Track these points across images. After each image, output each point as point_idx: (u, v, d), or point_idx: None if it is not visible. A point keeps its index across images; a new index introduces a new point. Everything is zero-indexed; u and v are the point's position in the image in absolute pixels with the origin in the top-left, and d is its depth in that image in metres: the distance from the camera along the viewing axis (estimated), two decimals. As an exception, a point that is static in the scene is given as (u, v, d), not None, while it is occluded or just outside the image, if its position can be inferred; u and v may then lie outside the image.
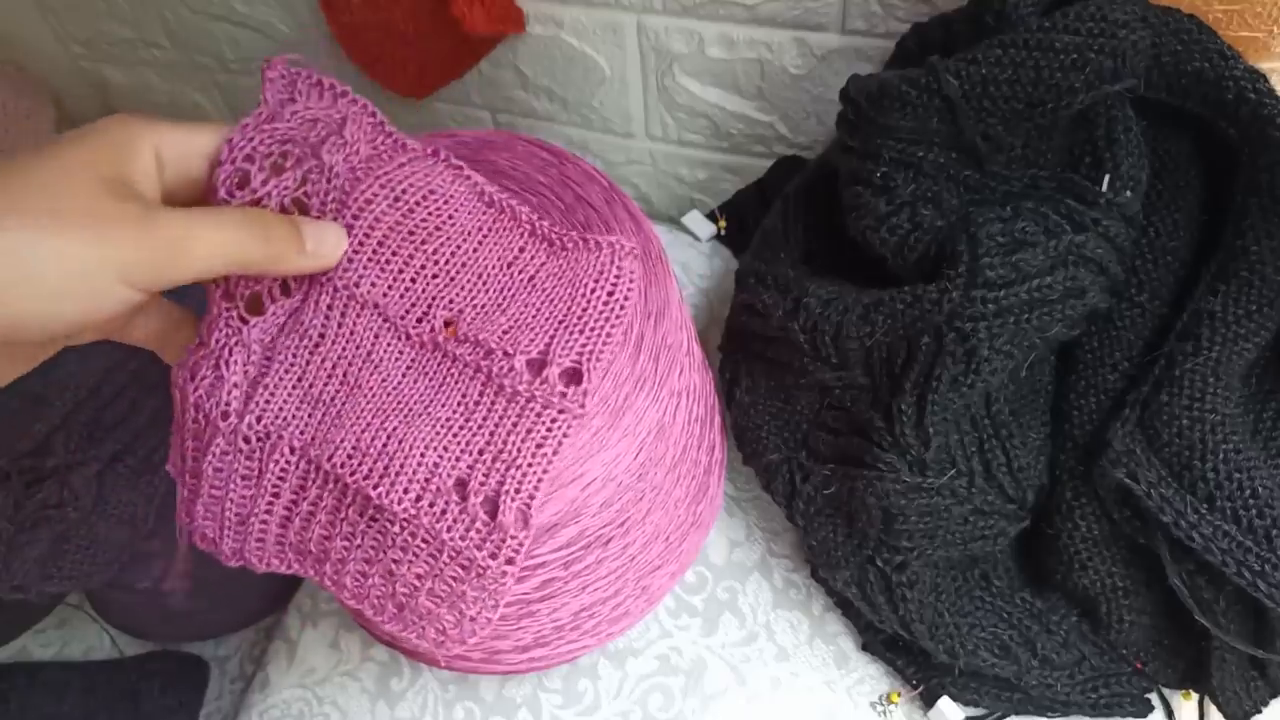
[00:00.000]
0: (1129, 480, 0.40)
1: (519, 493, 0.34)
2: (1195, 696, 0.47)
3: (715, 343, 0.54)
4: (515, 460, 0.34)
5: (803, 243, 0.51)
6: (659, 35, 0.61)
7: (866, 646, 0.50)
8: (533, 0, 0.62)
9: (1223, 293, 0.41)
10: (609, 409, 0.39)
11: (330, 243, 0.34)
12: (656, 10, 0.59)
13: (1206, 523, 0.39)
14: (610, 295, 0.38)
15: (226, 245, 0.30)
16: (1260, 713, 0.45)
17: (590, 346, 0.37)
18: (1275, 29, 0.42)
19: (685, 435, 0.44)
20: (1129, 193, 0.40)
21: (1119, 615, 0.44)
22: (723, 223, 0.65)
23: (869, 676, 0.50)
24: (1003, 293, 0.38)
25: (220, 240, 0.29)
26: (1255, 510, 0.38)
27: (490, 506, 0.34)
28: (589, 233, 0.41)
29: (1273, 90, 0.40)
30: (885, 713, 0.49)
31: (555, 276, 0.39)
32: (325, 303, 0.36)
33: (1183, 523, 0.39)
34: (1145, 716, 0.47)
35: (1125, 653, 0.46)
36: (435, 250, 0.38)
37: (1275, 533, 0.38)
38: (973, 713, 0.48)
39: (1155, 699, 0.48)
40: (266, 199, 0.34)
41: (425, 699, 0.51)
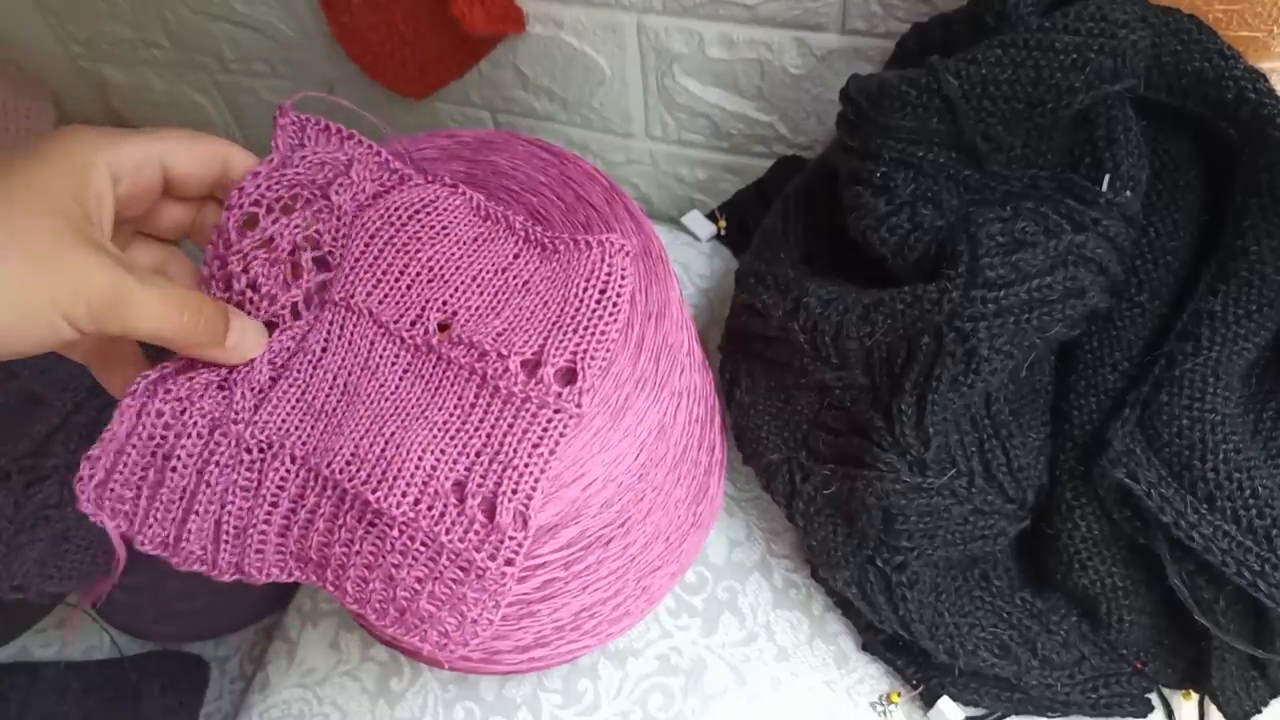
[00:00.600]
0: (1129, 480, 0.40)
1: (516, 493, 0.34)
2: (1195, 696, 0.48)
3: (715, 343, 0.54)
4: (512, 461, 0.35)
5: (803, 243, 0.51)
6: (659, 35, 0.61)
7: (866, 646, 0.50)
8: (533, 0, 0.62)
9: (1223, 293, 0.41)
10: (610, 409, 0.39)
11: (250, 342, 0.35)
12: (656, 10, 0.59)
13: (1206, 523, 0.39)
14: (602, 293, 0.38)
15: (160, 321, 0.31)
16: (1260, 713, 0.45)
17: (584, 345, 0.37)
18: (1275, 29, 0.42)
19: (685, 436, 0.44)
20: (1129, 193, 0.40)
21: (1119, 615, 0.44)
22: (723, 223, 0.65)
23: (869, 676, 0.50)
24: (1003, 293, 0.38)
25: (156, 315, 0.31)
26: (1255, 510, 0.38)
27: (488, 508, 0.34)
28: (587, 233, 0.42)
29: (1273, 90, 0.40)
30: (885, 713, 0.49)
31: (549, 279, 0.39)
32: (328, 319, 0.38)
33: (1183, 523, 0.39)
34: (1145, 716, 0.47)
35: (1125, 653, 0.46)
36: (429, 258, 0.39)
37: (1275, 533, 0.38)
38: (973, 713, 0.48)
39: (1155, 699, 0.48)
40: (277, 237, 0.36)
41: (425, 699, 0.51)
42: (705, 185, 0.72)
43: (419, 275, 0.39)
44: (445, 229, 0.39)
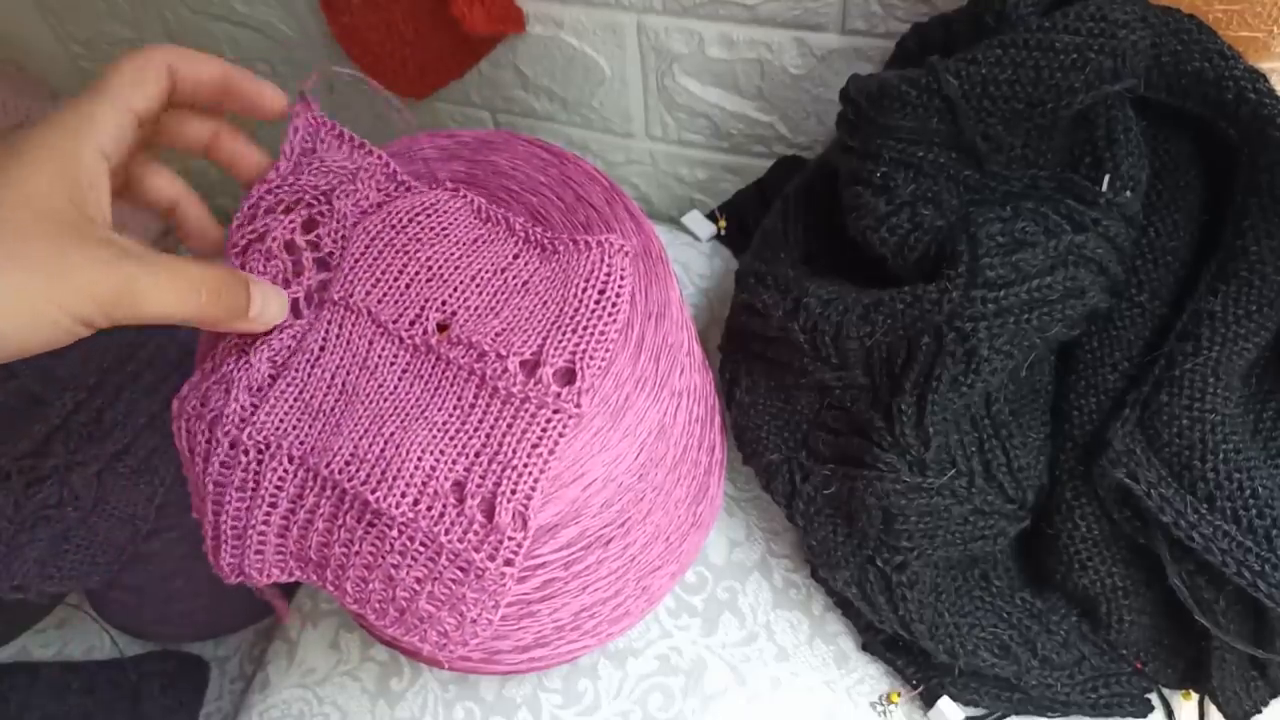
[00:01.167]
0: (1129, 480, 0.40)
1: (515, 494, 0.34)
2: (1195, 696, 0.47)
3: (715, 343, 0.54)
4: (511, 461, 0.35)
5: (803, 243, 0.51)
6: (659, 35, 0.61)
7: (866, 646, 0.50)
8: (533, 0, 0.62)
9: (1223, 293, 0.41)
10: (610, 409, 0.39)
11: (273, 309, 0.35)
12: (656, 10, 0.59)
13: (1206, 523, 0.39)
14: (601, 294, 0.38)
15: (175, 306, 0.30)
16: (1260, 713, 0.45)
17: (583, 345, 0.37)
18: (1275, 29, 0.42)
19: (685, 435, 0.44)
20: (1129, 193, 0.40)
21: (1119, 615, 0.44)
22: (723, 223, 0.65)
23: (869, 676, 0.50)
24: (1003, 293, 0.38)
25: (170, 300, 0.30)
26: (1255, 510, 0.38)
27: (487, 508, 0.34)
28: (587, 233, 0.42)
29: (1273, 90, 0.40)
30: (885, 713, 0.49)
31: (548, 280, 0.39)
32: (326, 318, 0.38)
33: (1183, 523, 0.39)
34: (1145, 716, 0.47)
35: (1125, 653, 0.46)
36: (428, 259, 0.39)
37: (1275, 533, 0.38)
38: (973, 713, 0.48)
39: (1155, 699, 0.48)
40: (274, 234, 0.37)
41: (425, 699, 0.51)
42: (705, 185, 0.72)
43: (418, 275, 0.39)
44: (445, 231, 0.40)
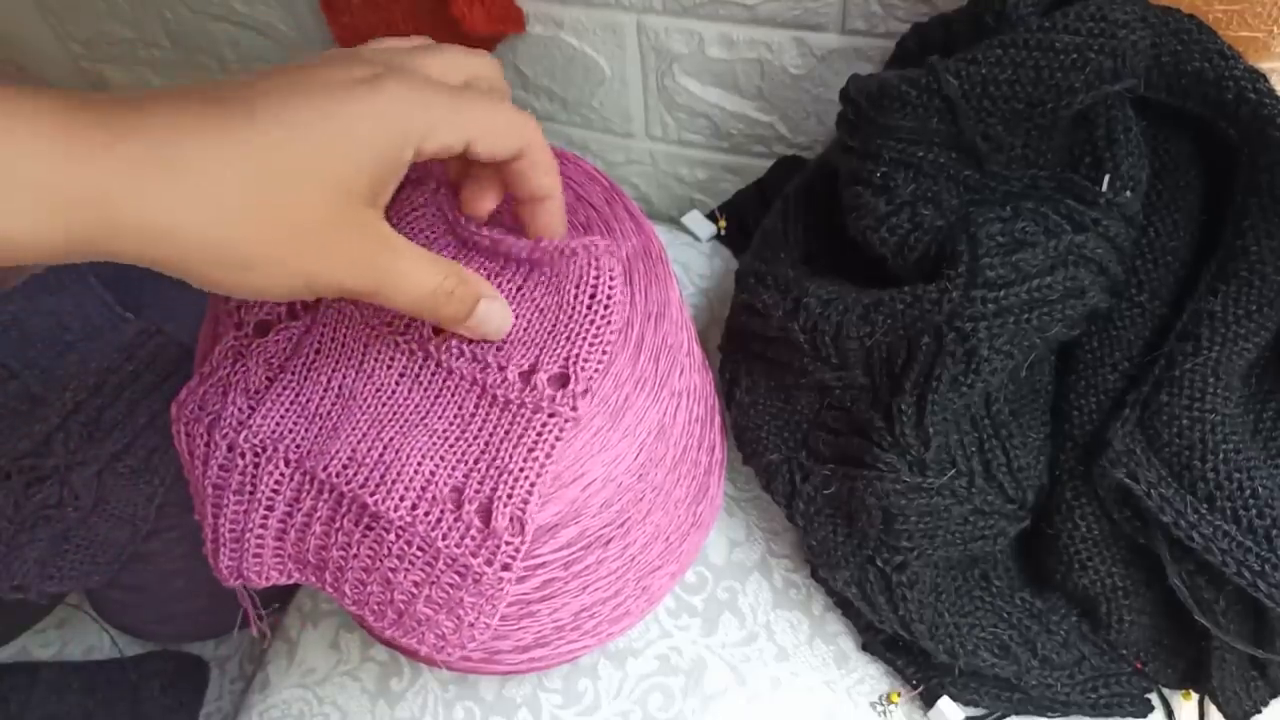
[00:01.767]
0: (1129, 480, 0.40)
1: (511, 498, 0.34)
2: (1195, 696, 0.47)
3: (715, 343, 0.54)
4: (507, 466, 0.35)
5: (803, 243, 0.51)
6: (659, 35, 0.61)
7: (866, 646, 0.50)
8: (533, 0, 0.62)
9: (1223, 293, 0.41)
10: (609, 410, 0.39)
11: (494, 324, 0.35)
12: (656, 10, 0.59)
13: (1206, 523, 0.39)
14: (592, 298, 0.38)
15: (413, 302, 0.31)
16: (1260, 713, 0.45)
17: (576, 350, 0.37)
18: (1275, 29, 0.42)
19: (685, 436, 0.44)
20: (1129, 193, 0.40)
21: (1119, 615, 0.44)
22: (723, 223, 0.65)
23: (869, 676, 0.50)
24: (1003, 293, 0.38)
25: (410, 300, 0.31)
26: (1255, 510, 0.38)
27: (484, 513, 0.34)
28: (586, 233, 0.41)
29: (1273, 90, 0.40)
30: (885, 713, 0.49)
31: (544, 285, 0.39)
32: (323, 321, 0.38)
33: (1183, 523, 0.39)
34: (1145, 716, 0.47)
35: (1125, 653, 0.46)
36: None
37: (1275, 533, 0.38)
38: (973, 713, 0.48)
39: (1155, 699, 0.48)
40: None
41: (425, 699, 0.51)
42: (705, 185, 0.72)
43: None
44: (432, 241, 0.39)
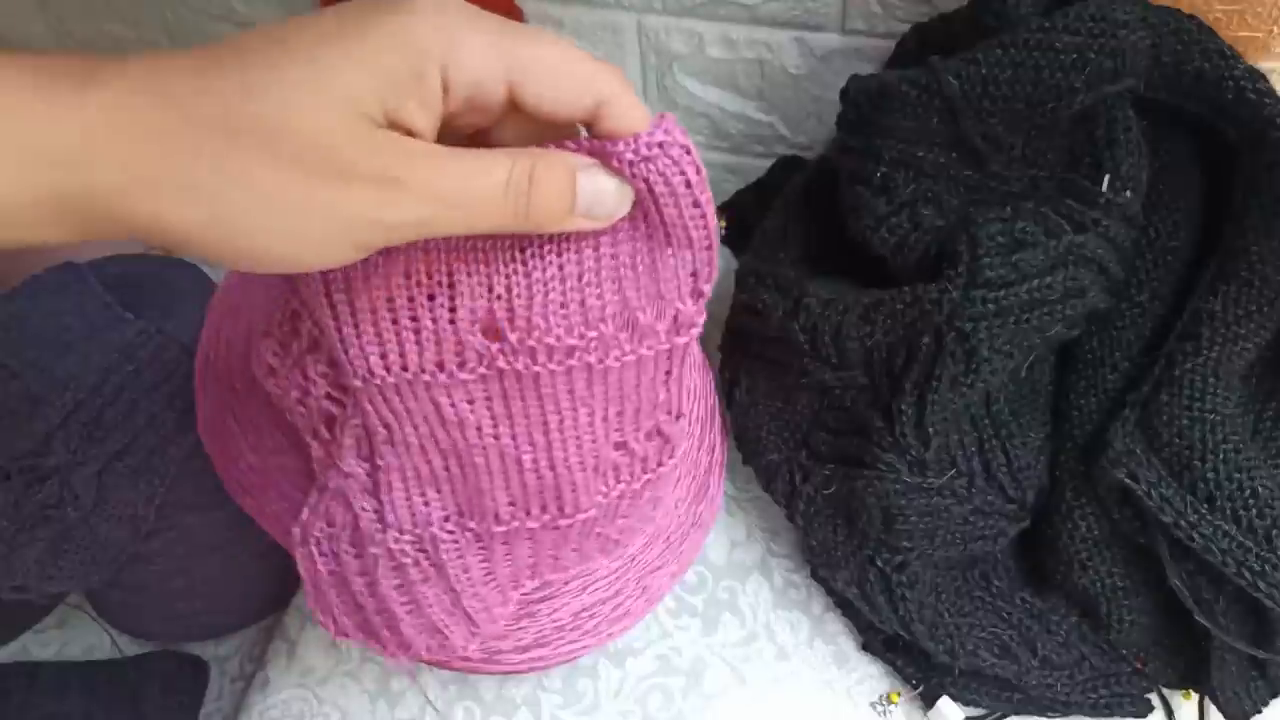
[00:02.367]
0: (1129, 480, 0.40)
1: (669, 414, 0.35)
2: (1195, 696, 0.47)
3: (715, 343, 0.54)
4: (654, 400, 0.34)
5: (803, 243, 0.51)
6: (659, 35, 0.61)
7: (866, 646, 0.50)
8: (533, 0, 0.62)
9: (1223, 293, 0.41)
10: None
11: (610, 201, 0.27)
12: (656, 10, 0.59)
13: (1206, 523, 0.39)
14: (696, 205, 0.30)
15: (479, 220, 0.25)
16: (1260, 713, 0.45)
17: (695, 266, 0.31)
18: (1275, 29, 0.42)
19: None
20: (1129, 193, 0.40)
21: (1119, 615, 0.44)
22: (723, 223, 0.65)
23: (869, 676, 0.50)
24: (1003, 293, 0.38)
25: (471, 214, 0.25)
26: (1255, 510, 0.38)
27: (652, 435, 0.35)
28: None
29: (1273, 90, 0.40)
30: (885, 713, 0.49)
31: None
32: (366, 400, 0.32)
33: (1183, 523, 0.39)
34: (1145, 716, 0.47)
35: (1125, 653, 0.46)
36: (417, 281, 0.31)
37: (1275, 533, 0.38)
38: (973, 713, 0.48)
39: (1155, 699, 0.48)
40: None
41: (425, 699, 0.51)
42: (705, 185, 0.72)
43: (414, 300, 0.30)
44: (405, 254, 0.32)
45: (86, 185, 0.22)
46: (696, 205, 0.28)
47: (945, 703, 0.47)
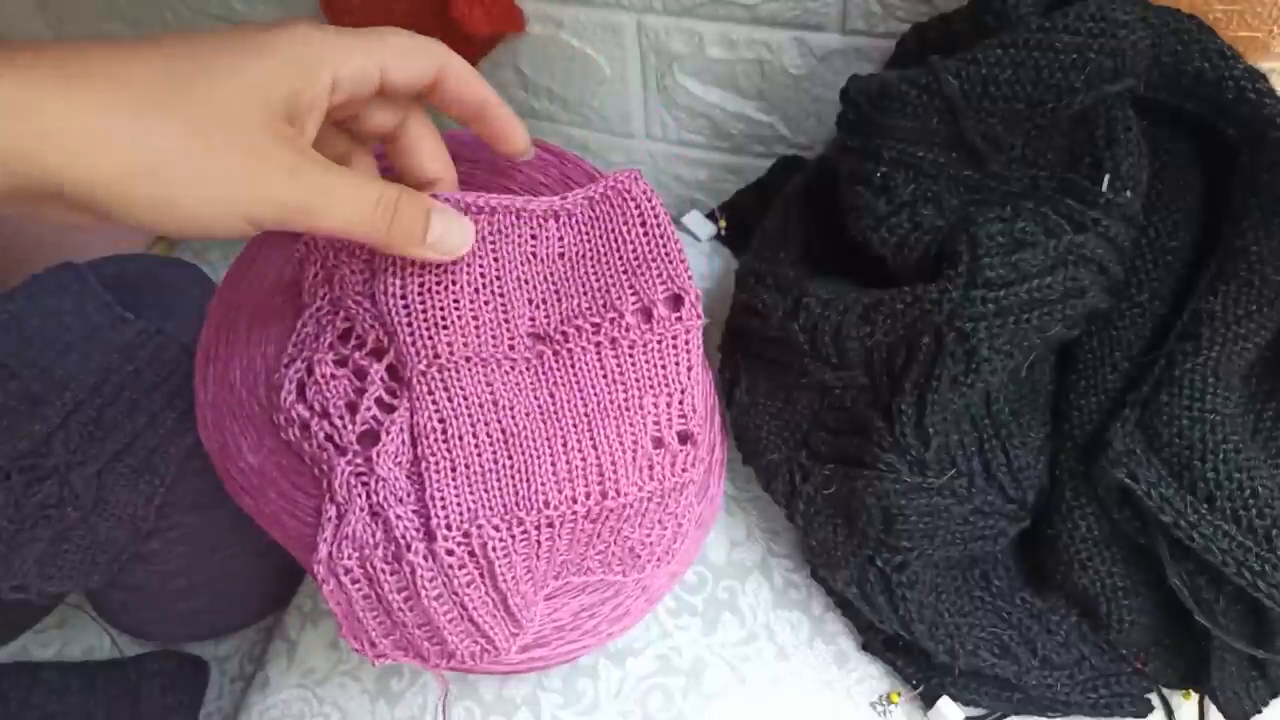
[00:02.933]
0: (1129, 480, 0.40)
1: (696, 410, 0.38)
2: (1195, 696, 0.48)
3: (715, 343, 0.54)
4: (679, 386, 0.37)
5: (803, 243, 0.51)
6: (659, 35, 0.61)
7: (866, 646, 0.50)
8: (533, 0, 0.62)
9: (1223, 293, 0.41)
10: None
11: (455, 238, 0.34)
12: (656, 10, 0.59)
13: (1206, 523, 0.39)
14: (644, 224, 0.38)
15: (353, 220, 0.30)
16: (1260, 713, 0.45)
17: (668, 272, 0.38)
18: (1275, 29, 0.42)
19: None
20: (1129, 193, 0.40)
21: (1119, 615, 0.44)
22: (723, 223, 0.65)
23: (869, 676, 0.50)
24: (1003, 293, 0.38)
25: (349, 212, 0.30)
26: (1255, 510, 0.38)
27: (684, 438, 0.38)
28: (582, 186, 0.41)
29: (1273, 90, 0.40)
30: (885, 713, 0.49)
31: (584, 237, 0.39)
32: (422, 391, 0.37)
33: (1183, 523, 0.39)
34: (1145, 716, 0.47)
35: (1125, 653, 0.46)
36: (466, 281, 0.38)
37: (1275, 533, 0.38)
38: (973, 713, 0.48)
39: (1155, 699, 0.48)
40: (315, 366, 0.38)
41: (425, 699, 0.51)
42: (705, 185, 0.72)
43: (473, 301, 0.37)
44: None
45: (12, 153, 0.24)
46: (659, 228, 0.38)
47: (945, 703, 0.47)
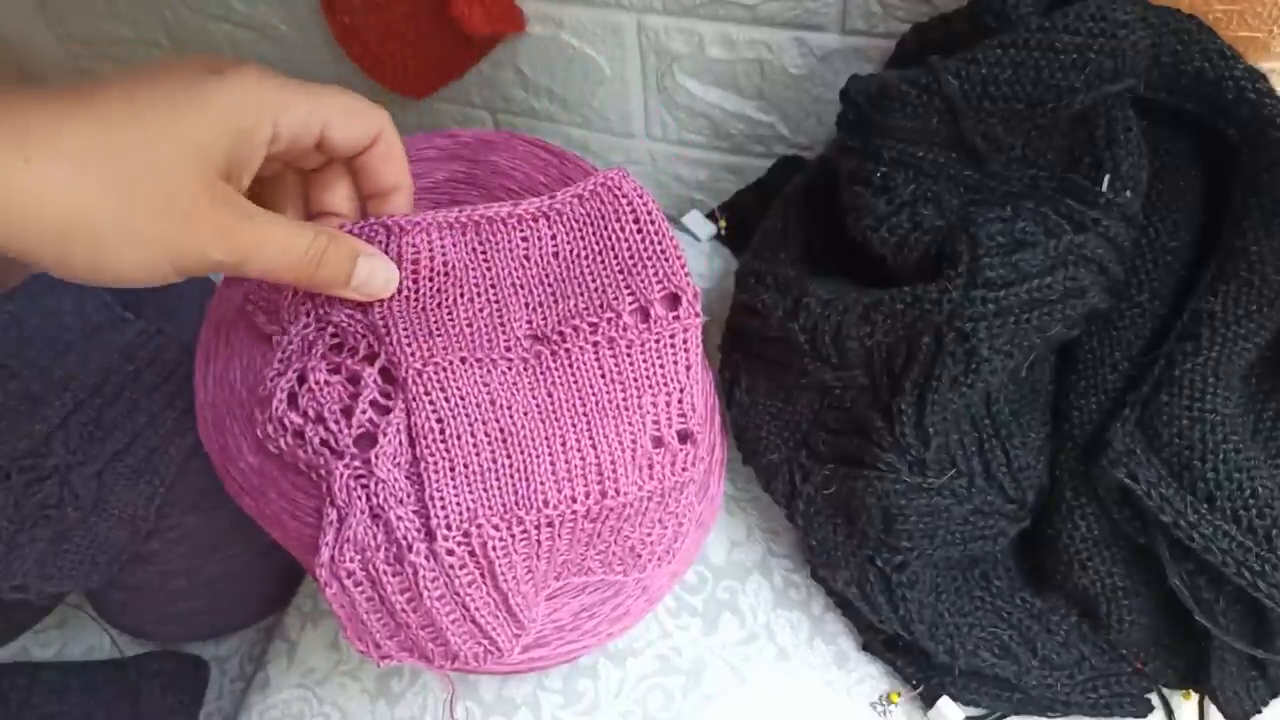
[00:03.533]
0: (1129, 480, 0.40)
1: (695, 409, 0.37)
2: (1195, 696, 0.48)
3: (715, 343, 0.54)
4: (678, 386, 0.37)
5: (803, 243, 0.51)
6: (659, 35, 0.61)
7: (866, 646, 0.50)
8: (533, 0, 0.62)
9: (1223, 293, 0.41)
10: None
11: (379, 281, 0.35)
12: (656, 10, 0.59)
13: (1206, 523, 0.39)
14: (637, 222, 0.39)
15: (278, 271, 0.31)
16: (1260, 713, 0.45)
17: (664, 270, 0.38)
18: (1275, 29, 0.42)
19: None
20: (1129, 193, 0.40)
21: (1119, 615, 0.44)
22: (723, 223, 0.65)
23: (869, 676, 0.50)
24: (1003, 293, 0.38)
25: (278, 261, 0.31)
26: (1255, 510, 0.38)
27: (684, 437, 0.37)
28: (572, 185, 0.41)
29: (1273, 90, 0.40)
30: (885, 713, 0.49)
31: (576, 238, 0.39)
32: (418, 392, 0.37)
33: (1183, 523, 0.39)
34: (1145, 716, 0.47)
35: (1125, 653, 0.46)
36: (464, 286, 0.38)
37: (1275, 533, 0.38)
38: (973, 713, 0.48)
39: (1155, 699, 0.48)
40: (307, 376, 0.37)
41: (425, 699, 0.51)
42: (705, 185, 0.72)
43: (470, 303, 0.38)
44: (446, 263, 0.38)
45: None
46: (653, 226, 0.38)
47: (945, 703, 0.47)
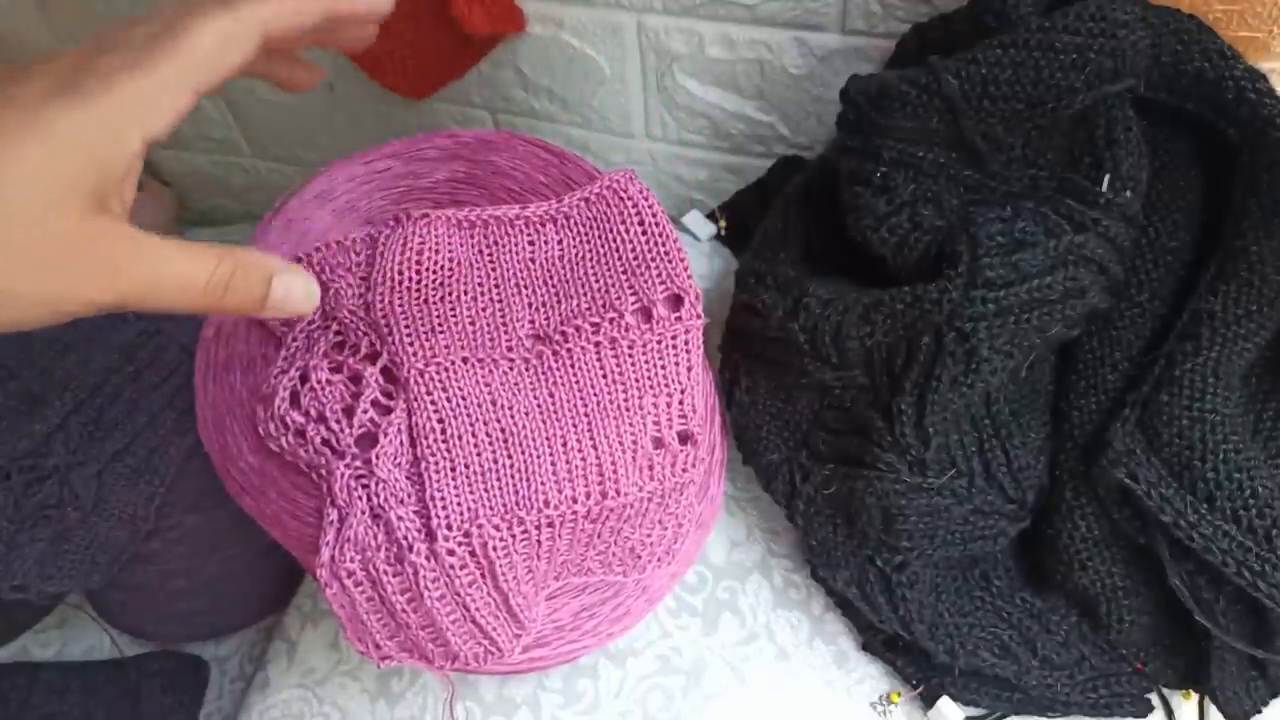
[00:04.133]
0: (1129, 480, 0.40)
1: (695, 410, 0.38)
2: (1195, 696, 0.48)
3: (715, 343, 0.54)
4: (678, 387, 0.37)
5: (803, 243, 0.51)
6: (659, 35, 0.61)
7: (866, 646, 0.50)
8: (533, 0, 0.62)
9: (1223, 293, 0.41)
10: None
11: (297, 297, 0.32)
12: (656, 10, 0.59)
13: (1206, 523, 0.39)
14: (642, 223, 0.39)
15: (183, 303, 0.29)
16: (1260, 713, 0.45)
17: (667, 272, 0.38)
18: (1275, 29, 0.42)
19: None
20: (1129, 193, 0.40)
21: (1119, 615, 0.44)
22: (723, 223, 0.65)
23: (869, 676, 0.50)
24: (1003, 293, 0.38)
25: (174, 301, 0.29)
26: (1255, 510, 0.38)
27: (684, 438, 0.37)
28: (581, 186, 0.42)
29: (1273, 90, 0.40)
30: (885, 713, 0.49)
31: (582, 239, 0.39)
32: (419, 392, 0.37)
33: (1183, 523, 0.39)
34: (1145, 716, 0.47)
35: (1125, 653, 0.46)
36: (464, 286, 0.38)
37: (1275, 533, 0.38)
38: (973, 713, 0.48)
39: (1155, 699, 0.48)
40: (310, 375, 0.38)
41: (425, 699, 0.51)
42: (705, 185, 0.72)
43: (471, 303, 0.38)
44: (452, 258, 0.38)
45: None
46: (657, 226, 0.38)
47: (945, 703, 0.47)
